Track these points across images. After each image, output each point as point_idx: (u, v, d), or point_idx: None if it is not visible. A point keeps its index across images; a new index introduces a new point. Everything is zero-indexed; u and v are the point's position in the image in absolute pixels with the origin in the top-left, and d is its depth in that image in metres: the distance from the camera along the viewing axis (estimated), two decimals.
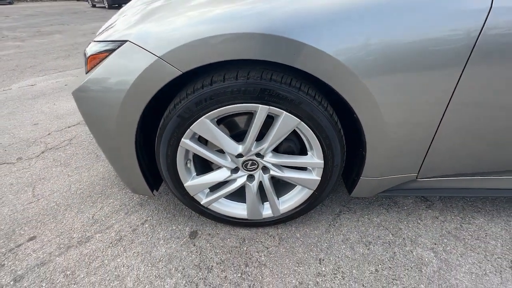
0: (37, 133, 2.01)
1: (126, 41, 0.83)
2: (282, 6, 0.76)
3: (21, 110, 2.41)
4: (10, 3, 17.97)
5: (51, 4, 17.07)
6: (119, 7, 14.49)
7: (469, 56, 0.76)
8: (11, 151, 1.79)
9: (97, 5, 15.24)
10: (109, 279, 1.01)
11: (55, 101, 2.59)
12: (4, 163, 1.67)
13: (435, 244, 1.15)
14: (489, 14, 0.71)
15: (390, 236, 1.19)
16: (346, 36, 0.75)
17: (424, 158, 0.99)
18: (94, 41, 0.96)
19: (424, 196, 1.41)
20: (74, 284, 1.00)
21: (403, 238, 1.18)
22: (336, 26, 0.74)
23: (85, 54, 0.97)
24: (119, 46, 0.85)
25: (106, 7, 14.04)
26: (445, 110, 0.86)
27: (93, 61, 0.92)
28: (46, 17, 9.76)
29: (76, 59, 4.09)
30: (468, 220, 1.27)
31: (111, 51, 0.87)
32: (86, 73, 0.95)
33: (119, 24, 0.96)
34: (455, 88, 0.81)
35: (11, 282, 1.00)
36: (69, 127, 2.12)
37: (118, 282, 1.00)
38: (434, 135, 0.92)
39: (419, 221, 1.27)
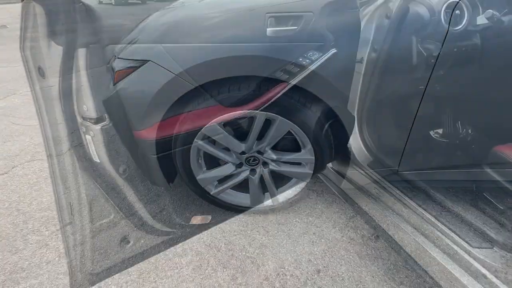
0: (62, 132, 2.23)
1: (148, 60, 1.01)
2: (276, 32, 0.92)
3: (44, 110, 2.63)
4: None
5: None
6: (125, 4, 14.65)
7: (435, 64, 0.91)
8: (41, 148, 2.02)
9: (103, 1, 15.42)
10: (136, 256, 1.22)
11: (74, 102, 2.80)
12: (37, 159, 1.90)
13: (415, 229, 1.32)
14: (447, 34, 0.87)
15: (376, 222, 1.36)
16: (328, 55, 0.91)
17: (402, 154, 1.15)
18: (119, 57, 1.14)
19: (410, 187, 1.57)
20: (107, 259, 1.21)
21: (387, 224, 1.35)
22: (317, 47, 0.89)
23: (112, 69, 1.15)
24: (142, 64, 1.02)
25: (113, 3, 14.22)
26: (416, 112, 1.01)
27: (120, 75, 1.10)
28: None
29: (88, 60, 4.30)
30: (448, 208, 1.43)
31: (135, 67, 1.04)
32: (113, 85, 1.13)
33: (141, 42, 1.12)
34: (425, 90, 0.96)
35: (57, 258, 1.22)
36: (89, 126, 2.33)
37: (143, 258, 1.21)
38: (409, 133, 1.08)
39: (403, 209, 1.43)
